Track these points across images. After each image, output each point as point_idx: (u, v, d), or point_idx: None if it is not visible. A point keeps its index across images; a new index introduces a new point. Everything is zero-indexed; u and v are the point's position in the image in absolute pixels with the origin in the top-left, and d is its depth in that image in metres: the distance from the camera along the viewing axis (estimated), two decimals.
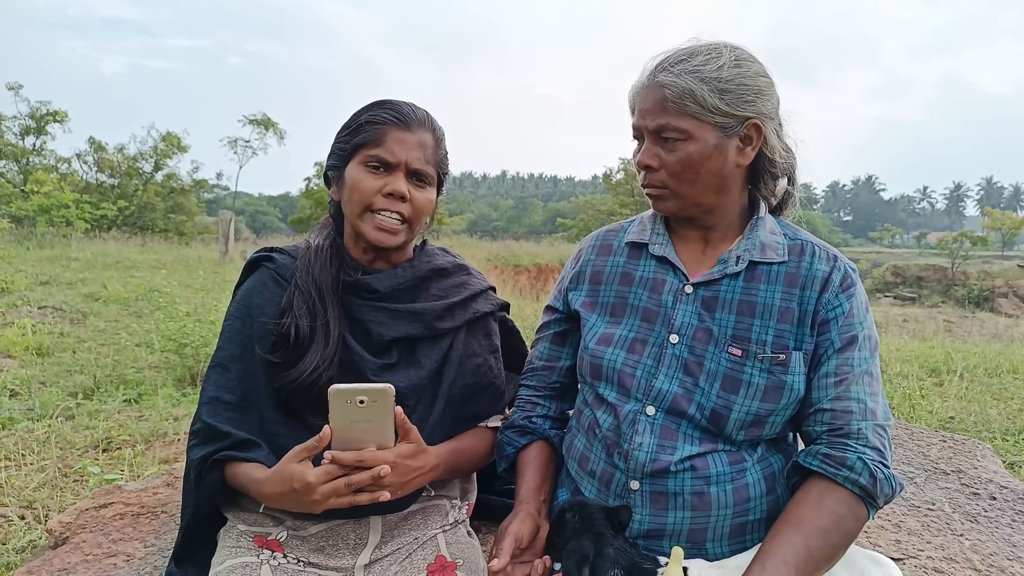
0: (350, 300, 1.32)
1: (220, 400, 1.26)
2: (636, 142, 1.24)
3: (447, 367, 1.37)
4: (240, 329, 1.30)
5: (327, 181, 1.38)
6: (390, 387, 1.06)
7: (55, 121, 23.87)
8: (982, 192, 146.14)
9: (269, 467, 1.16)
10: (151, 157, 24.76)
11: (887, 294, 27.88)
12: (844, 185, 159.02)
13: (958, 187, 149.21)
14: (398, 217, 1.29)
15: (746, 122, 1.14)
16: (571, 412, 1.43)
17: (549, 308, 1.45)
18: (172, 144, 24.67)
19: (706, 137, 1.14)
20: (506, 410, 1.52)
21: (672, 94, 1.12)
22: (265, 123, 28.36)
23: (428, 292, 1.39)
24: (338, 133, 1.33)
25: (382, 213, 1.28)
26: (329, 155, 1.35)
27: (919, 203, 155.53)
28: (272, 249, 1.40)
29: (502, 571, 1.10)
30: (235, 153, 29.08)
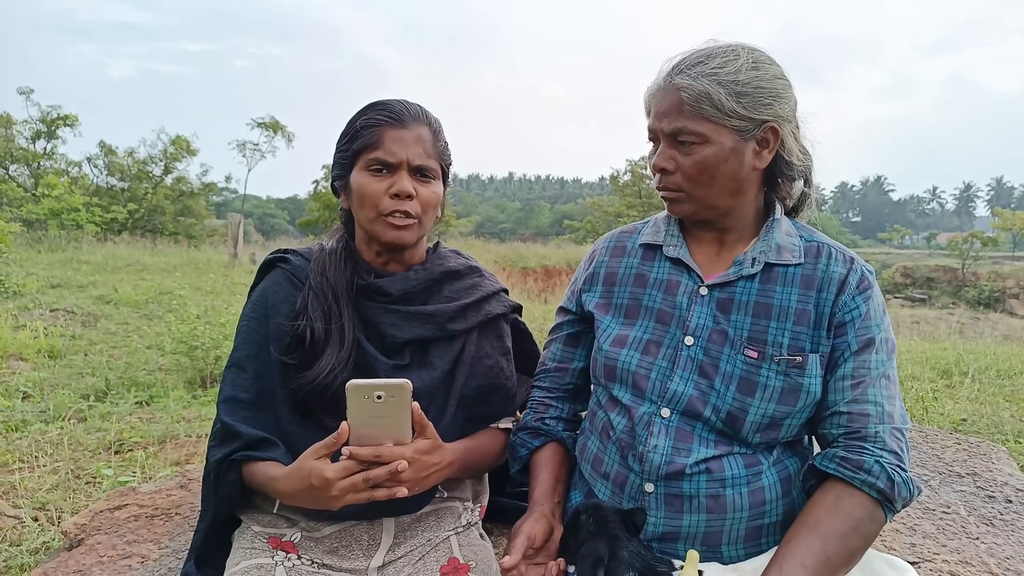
0: (363, 303, 1.33)
1: (236, 399, 1.26)
2: (651, 144, 1.23)
3: (459, 368, 1.37)
4: (255, 329, 1.31)
5: (335, 191, 1.39)
6: (407, 383, 1.07)
7: (65, 125, 24.05)
8: (992, 192, 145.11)
9: (286, 466, 1.17)
10: (161, 160, 24.91)
11: (897, 295, 27.70)
12: (853, 186, 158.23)
13: (968, 187, 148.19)
14: (405, 214, 1.29)
15: (763, 125, 1.13)
16: (584, 414, 1.42)
17: (562, 309, 1.45)
18: (181, 147, 24.81)
19: (723, 140, 1.13)
20: (517, 412, 1.51)
21: (689, 97, 1.11)
22: (273, 126, 28.46)
23: (440, 294, 1.40)
24: (337, 143, 1.34)
25: (393, 215, 1.28)
26: (333, 166, 1.36)
27: (928, 203, 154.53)
28: (287, 251, 1.41)
29: (514, 569, 1.10)
30: (243, 156, 29.24)
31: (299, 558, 1.24)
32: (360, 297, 1.33)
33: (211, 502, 1.28)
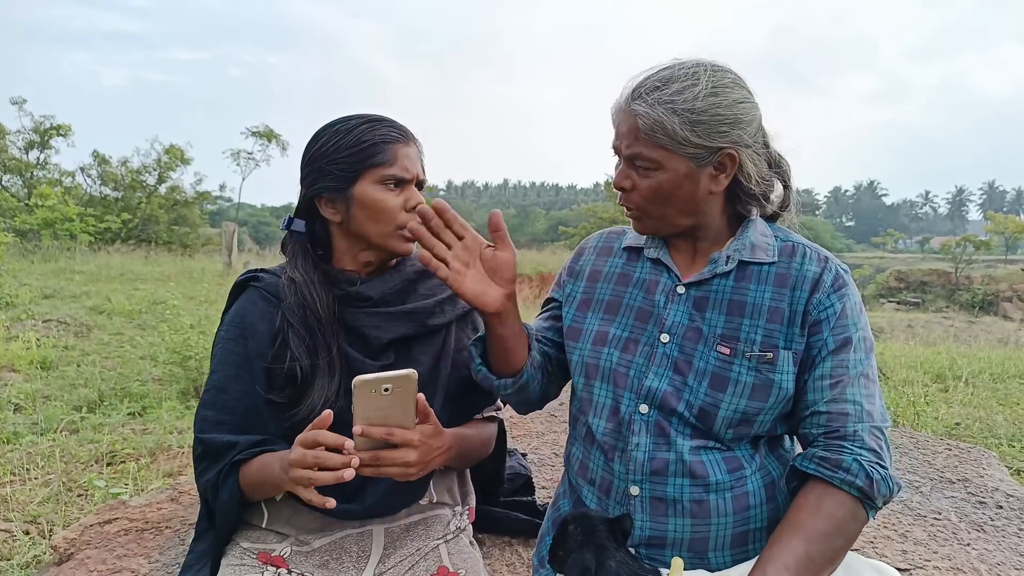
0: (344, 310, 1.33)
1: (221, 423, 1.25)
2: (617, 158, 1.24)
3: (443, 361, 1.39)
4: (233, 349, 1.30)
5: (309, 202, 1.33)
6: (414, 373, 1.08)
7: (59, 135, 23.96)
8: (984, 196, 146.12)
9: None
10: (154, 170, 24.81)
11: (891, 299, 27.84)
12: (846, 190, 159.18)
13: (960, 191, 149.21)
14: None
15: (719, 152, 1.13)
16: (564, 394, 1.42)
17: (549, 299, 1.47)
18: (175, 157, 24.73)
19: (676, 167, 1.13)
20: (499, 402, 1.54)
21: (644, 125, 1.12)
22: (267, 135, 28.39)
23: (417, 292, 1.42)
24: (332, 152, 1.28)
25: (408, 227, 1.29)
26: (320, 177, 1.30)
27: (921, 208, 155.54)
28: (258, 270, 1.40)
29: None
30: (238, 165, 29.13)
31: (289, 572, 1.23)
32: (342, 306, 1.33)
33: (210, 520, 1.28)
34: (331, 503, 1.08)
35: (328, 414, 1.08)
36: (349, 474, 1.07)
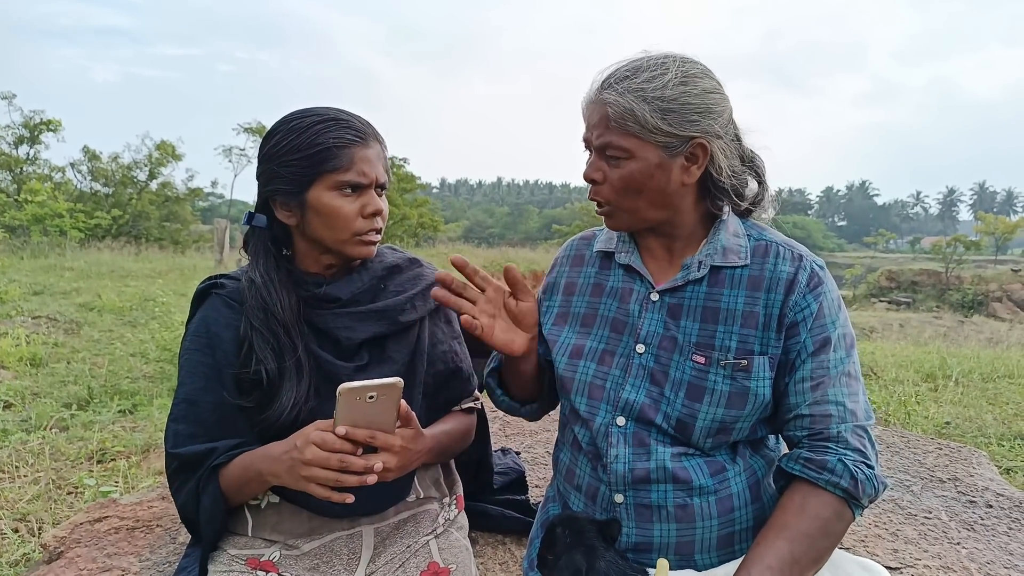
0: (311, 312, 1.30)
1: (194, 435, 1.22)
2: (588, 152, 1.22)
3: (418, 358, 1.36)
4: (201, 360, 1.25)
5: (265, 204, 1.30)
6: (399, 381, 1.06)
7: (49, 130, 23.71)
8: (975, 197, 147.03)
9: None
10: (145, 166, 24.61)
11: (882, 299, 27.98)
12: (838, 190, 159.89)
13: (951, 192, 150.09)
14: (377, 231, 1.29)
15: (691, 141, 1.11)
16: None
17: None
18: (167, 153, 24.54)
19: (648, 156, 1.11)
20: (476, 392, 1.52)
21: (614, 113, 1.10)
22: (260, 131, 28.17)
23: (387, 290, 1.39)
24: (283, 155, 1.23)
25: (368, 233, 1.27)
26: (273, 178, 1.25)
27: (913, 208, 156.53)
28: (218, 276, 1.36)
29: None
30: (230, 161, 29.03)
31: None
32: (309, 308, 1.30)
33: (194, 536, 1.27)
34: (350, 498, 1.09)
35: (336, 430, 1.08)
36: (372, 479, 1.08)
